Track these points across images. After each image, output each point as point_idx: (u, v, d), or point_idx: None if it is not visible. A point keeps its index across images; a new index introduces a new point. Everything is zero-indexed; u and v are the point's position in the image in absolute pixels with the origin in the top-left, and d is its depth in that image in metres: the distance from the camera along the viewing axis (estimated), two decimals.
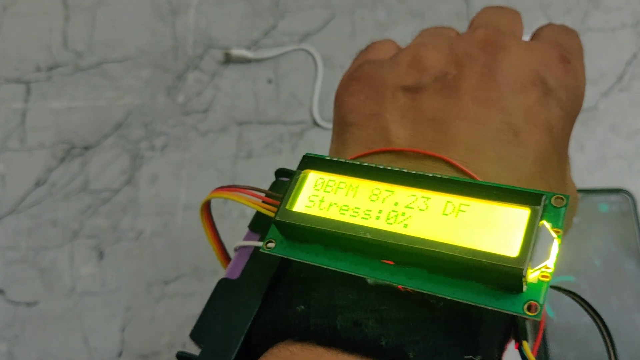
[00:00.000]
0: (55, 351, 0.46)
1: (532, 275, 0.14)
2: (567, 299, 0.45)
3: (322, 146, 0.52)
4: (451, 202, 0.15)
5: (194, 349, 0.17)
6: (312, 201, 0.16)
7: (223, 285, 0.18)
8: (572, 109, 0.20)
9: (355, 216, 0.16)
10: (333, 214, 0.16)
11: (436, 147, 0.18)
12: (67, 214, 0.50)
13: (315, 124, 0.52)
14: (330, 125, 0.52)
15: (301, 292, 0.16)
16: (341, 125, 0.20)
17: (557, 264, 0.15)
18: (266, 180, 0.54)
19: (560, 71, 0.19)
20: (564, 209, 0.15)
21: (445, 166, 0.17)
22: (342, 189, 0.16)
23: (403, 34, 0.56)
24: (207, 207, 0.21)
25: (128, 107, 0.54)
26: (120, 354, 0.46)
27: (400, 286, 0.15)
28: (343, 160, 0.17)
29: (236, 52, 0.54)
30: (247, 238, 0.19)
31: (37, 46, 0.57)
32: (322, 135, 0.52)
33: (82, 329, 0.47)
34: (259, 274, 0.17)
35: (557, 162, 0.19)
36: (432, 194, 0.15)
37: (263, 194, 0.19)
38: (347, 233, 0.15)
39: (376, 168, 0.16)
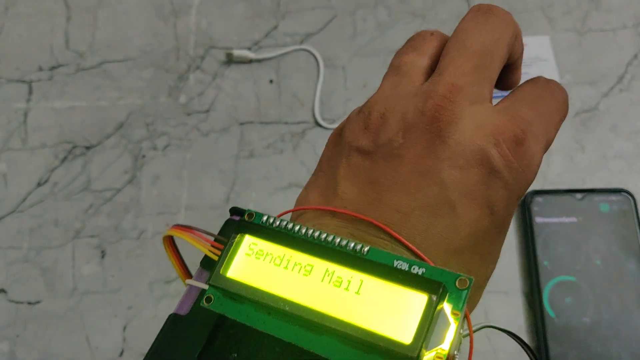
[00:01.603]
0: (57, 350, 0.46)
1: (427, 356, 0.16)
2: (566, 300, 0.45)
3: (322, 145, 0.52)
4: (360, 280, 0.17)
5: None
6: (244, 267, 0.19)
7: (172, 320, 0.20)
8: (518, 189, 0.20)
9: (279, 287, 0.18)
10: (260, 283, 0.18)
11: (373, 210, 0.19)
12: (69, 213, 0.50)
13: (317, 123, 0.53)
14: (330, 125, 0.53)
15: (235, 342, 0.18)
16: (318, 165, 0.23)
17: (454, 344, 0.16)
18: (267, 180, 0.54)
19: (509, 153, 0.19)
20: (465, 292, 0.16)
21: (376, 229, 0.19)
22: (271, 257, 0.19)
23: (404, 34, 0.56)
24: (169, 241, 0.23)
25: (130, 107, 0.54)
26: (121, 353, 0.46)
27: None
28: (275, 226, 0.19)
29: (237, 52, 0.55)
30: (197, 275, 0.21)
31: (39, 46, 0.57)
32: (323, 135, 0.52)
33: (83, 328, 0.47)
34: (206, 313, 0.19)
35: (496, 235, 0.20)
36: (345, 270, 0.18)
37: (212, 238, 0.21)
38: (270, 304, 0.18)
39: (303, 238, 0.18)
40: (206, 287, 0.19)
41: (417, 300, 0.16)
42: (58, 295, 0.48)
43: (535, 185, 0.49)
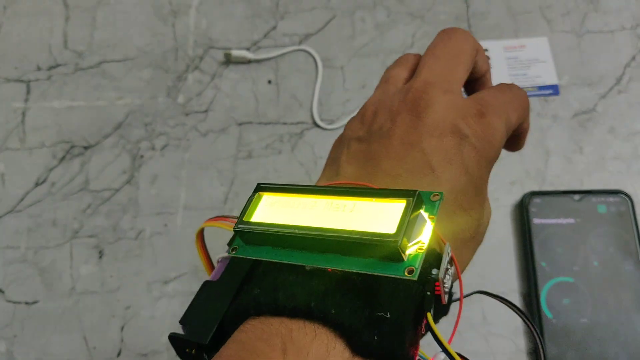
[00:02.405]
0: (55, 350, 0.46)
1: (410, 249, 0.19)
2: (564, 300, 0.45)
3: (321, 146, 0.52)
4: (354, 203, 0.21)
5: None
6: (263, 214, 0.23)
7: (206, 285, 0.24)
8: (486, 153, 0.25)
9: (291, 220, 0.22)
10: (276, 220, 0.22)
11: (369, 179, 0.24)
12: (67, 213, 0.50)
13: (315, 124, 0.53)
14: (329, 126, 0.53)
15: (257, 280, 0.22)
16: (324, 166, 0.28)
17: (432, 241, 0.20)
18: (266, 180, 0.54)
19: (474, 123, 0.24)
20: (438, 202, 0.21)
21: None
22: (284, 203, 0.23)
23: (403, 35, 0.56)
24: (201, 234, 0.27)
25: (128, 107, 0.54)
26: (119, 353, 0.46)
27: (329, 268, 0.20)
28: (287, 185, 0.23)
29: (236, 52, 0.55)
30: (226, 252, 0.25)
31: (38, 46, 0.57)
32: (322, 136, 0.52)
33: (81, 328, 0.47)
34: (234, 276, 0.23)
35: (474, 193, 0.24)
36: (341, 199, 0.22)
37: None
38: (283, 231, 0.21)
39: (309, 187, 0.23)
40: (233, 254, 0.22)
41: (398, 206, 0.20)
42: (56, 295, 0.48)
43: (533, 187, 0.49)
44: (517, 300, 0.45)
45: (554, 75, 0.53)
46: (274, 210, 0.22)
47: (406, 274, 0.19)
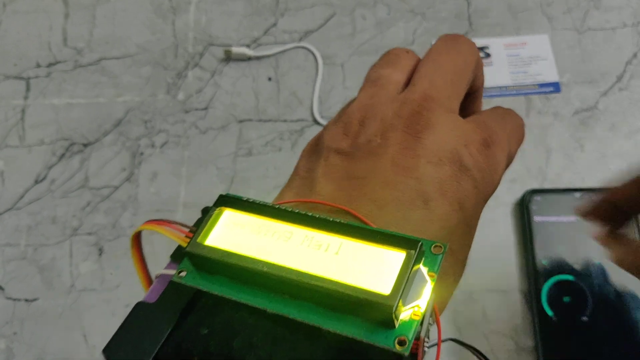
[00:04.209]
0: (55, 348, 0.46)
1: (404, 313, 0.16)
2: (565, 299, 0.45)
3: None
4: (340, 242, 0.17)
5: None
6: (222, 236, 0.19)
7: (139, 308, 0.19)
8: (484, 189, 0.21)
9: (257, 252, 0.18)
10: (239, 249, 0.18)
11: (350, 202, 0.20)
12: (67, 210, 0.50)
13: (315, 121, 0.52)
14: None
15: (206, 317, 0.18)
16: (292, 174, 0.24)
17: (431, 304, 0.16)
18: (266, 178, 0.54)
19: (478, 154, 0.21)
20: (441, 256, 0.17)
21: (352, 218, 0.19)
22: (250, 226, 0.19)
23: (403, 32, 0.56)
24: (137, 239, 0.23)
25: (128, 104, 0.54)
26: None
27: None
28: (252, 200, 0.19)
29: (236, 49, 0.54)
30: (168, 267, 0.20)
31: (37, 43, 0.57)
32: None
33: (81, 326, 0.47)
34: (174, 300, 0.19)
35: (463, 233, 0.21)
36: (324, 234, 0.18)
37: (187, 230, 0.20)
38: (248, 266, 0.17)
39: (283, 210, 0.18)
40: (177, 273, 0.19)
41: (395, 257, 0.17)
42: (55, 293, 0.48)
43: (533, 184, 0.49)
44: (517, 299, 0.45)
45: (555, 72, 0.53)
46: (237, 233, 0.19)
47: (396, 345, 0.15)
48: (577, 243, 0.45)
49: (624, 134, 0.50)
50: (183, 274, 0.18)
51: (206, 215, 0.19)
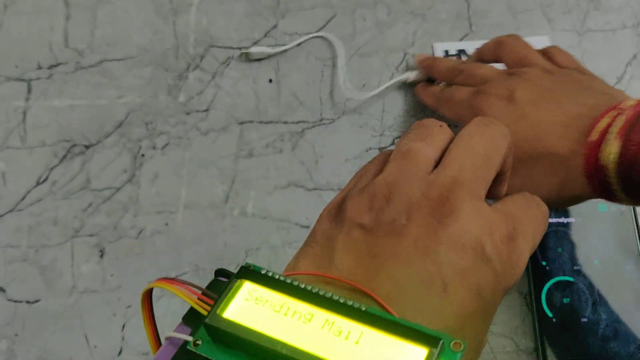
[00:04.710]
0: (56, 349, 0.46)
1: None
2: (564, 300, 0.45)
3: (322, 145, 0.52)
4: (360, 331, 0.17)
5: None
6: (242, 310, 0.18)
7: None
8: (505, 280, 0.22)
9: (277, 332, 0.18)
10: (258, 326, 0.18)
11: (368, 280, 0.20)
12: (68, 212, 0.50)
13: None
14: (329, 124, 0.53)
15: None
16: (309, 237, 0.24)
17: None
18: (266, 179, 0.54)
19: (502, 245, 0.21)
20: (460, 354, 0.17)
21: (369, 299, 0.20)
22: (271, 303, 0.18)
23: (404, 33, 0.56)
24: (148, 296, 0.22)
25: (129, 106, 0.54)
26: (120, 352, 0.46)
27: None
28: (276, 277, 0.19)
29: (255, 50, 0.54)
30: (178, 329, 0.20)
31: (38, 44, 0.57)
32: (323, 135, 0.53)
33: (82, 327, 0.47)
34: None
35: (479, 321, 0.21)
36: (345, 320, 0.18)
37: (200, 292, 0.20)
38: (267, 346, 0.17)
39: (304, 289, 0.18)
40: (190, 338, 0.18)
41: (416, 353, 0.17)
42: (57, 294, 0.48)
43: None
44: (517, 300, 0.45)
45: None
46: (257, 309, 0.18)
47: None
48: (577, 244, 0.45)
49: None
50: (199, 343, 0.18)
51: (227, 286, 0.19)
